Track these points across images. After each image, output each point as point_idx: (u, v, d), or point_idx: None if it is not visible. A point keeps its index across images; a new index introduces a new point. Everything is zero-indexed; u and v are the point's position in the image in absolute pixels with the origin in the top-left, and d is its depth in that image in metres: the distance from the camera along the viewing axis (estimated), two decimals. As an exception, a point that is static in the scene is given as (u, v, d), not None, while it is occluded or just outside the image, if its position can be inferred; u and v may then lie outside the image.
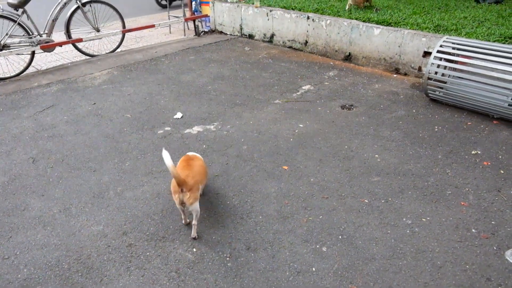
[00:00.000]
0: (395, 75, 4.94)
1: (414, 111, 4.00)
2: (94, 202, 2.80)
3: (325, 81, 4.79)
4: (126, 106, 4.26)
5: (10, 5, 5.33)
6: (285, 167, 3.12)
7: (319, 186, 2.90)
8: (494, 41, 4.49)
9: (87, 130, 3.80)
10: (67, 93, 4.67)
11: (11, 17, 5.32)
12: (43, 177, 3.10)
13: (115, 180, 3.03)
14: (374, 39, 5.11)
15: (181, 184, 2.27)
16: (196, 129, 3.73)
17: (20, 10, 5.40)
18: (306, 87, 4.62)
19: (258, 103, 4.23)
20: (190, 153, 2.76)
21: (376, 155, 3.24)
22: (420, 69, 4.71)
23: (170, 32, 7.93)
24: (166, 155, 2.20)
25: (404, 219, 2.54)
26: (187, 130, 3.71)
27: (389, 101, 4.23)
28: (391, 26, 5.20)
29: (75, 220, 2.64)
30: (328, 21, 5.55)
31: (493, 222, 2.48)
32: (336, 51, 5.58)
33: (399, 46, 4.89)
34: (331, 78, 4.89)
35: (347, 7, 5.77)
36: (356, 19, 5.54)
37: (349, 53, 5.43)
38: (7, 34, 5.32)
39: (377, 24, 5.27)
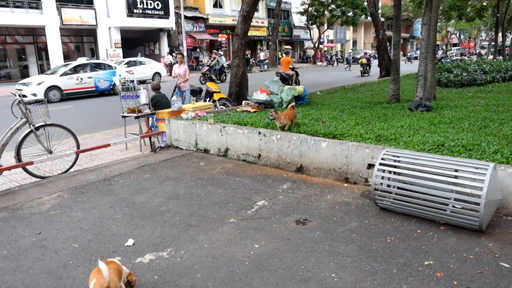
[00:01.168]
0: (345, 184, 5.16)
1: (366, 221, 4.10)
2: None
3: (279, 194, 4.90)
4: (74, 234, 4.06)
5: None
6: (241, 296, 2.98)
7: (277, 315, 2.76)
8: (429, 150, 4.91)
9: (28, 266, 3.52)
10: (10, 222, 4.42)
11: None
12: (-30, 330, 2.75)
13: (54, 327, 2.74)
14: (322, 151, 5.42)
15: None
16: (148, 257, 3.57)
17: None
18: (261, 202, 4.68)
19: (213, 223, 4.19)
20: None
21: (333, 274, 3.20)
22: (366, 180, 4.97)
23: (126, 148, 8.04)
24: (104, 267, 2.53)
25: None
26: (139, 259, 3.53)
27: (341, 212, 4.34)
28: (337, 138, 5.60)
29: None
30: (278, 136, 5.89)
31: None
32: (288, 163, 5.83)
33: (346, 157, 5.20)
34: (284, 191, 5.01)
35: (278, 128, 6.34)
36: (304, 132, 5.93)
37: (301, 164, 5.69)
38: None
39: (323, 137, 5.66)
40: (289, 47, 39.57)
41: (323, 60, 46.36)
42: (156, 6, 32.09)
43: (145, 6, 31.38)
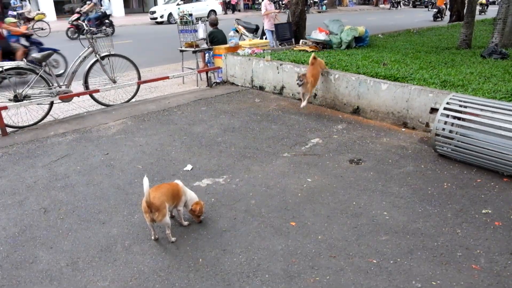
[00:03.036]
0: (403, 129, 5.00)
1: (422, 166, 4.01)
2: (102, 256, 2.81)
3: (333, 134, 4.87)
4: (138, 157, 4.35)
5: (34, 59, 5.64)
6: (293, 223, 3.11)
7: (326, 244, 2.87)
8: (501, 98, 4.56)
9: (99, 180, 3.87)
10: (82, 143, 4.81)
11: (34, 70, 5.62)
12: (53, 229, 3.13)
13: (123, 233, 3.04)
14: (382, 93, 5.23)
15: (148, 205, 2.68)
16: (205, 181, 3.78)
17: (43, 63, 5.70)
18: (315, 140, 4.69)
19: (267, 156, 4.30)
20: (177, 181, 3.10)
21: (385, 212, 3.23)
22: (427, 125, 4.77)
23: (183, 83, 8.23)
24: (145, 182, 2.65)
25: (414, 282, 2.48)
26: (197, 183, 3.76)
27: (397, 155, 4.26)
28: (399, 81, 5.34)
29: (82, 275, 2.63)
30: (336, 75, 5.72)
31: (506, 288, 2.41)
32: (344, 104, 5.71)
33: (406, 101, 4.99)
34: (339, 131, 4.97)
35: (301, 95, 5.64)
36: (364, 73, 5.71)
37: (358, 106, 5.55)
38: (28, 86, 5.59)
39: (384, 79, 5.42)
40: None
41: (386, 2, 43.06)
42: None
43: None
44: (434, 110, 4.62)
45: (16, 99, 5.52)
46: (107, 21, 17.36)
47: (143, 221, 3.18)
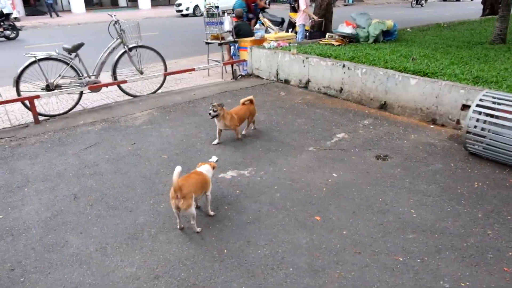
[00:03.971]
0: (432, 126, 4.88)
1: (452, 164, 3.91)
2: (129, 243, 2.87)
3: (359, 129, 4.80)
4: (164, 147, 4.42)
5: (65, 49, 5.78)
6: (318, 218, 3.10)
7: (351, 239, 2.85)
8: (538, 96, 4.38)
9: (126, 169, 3.95)
10: (110, 132, 4.92)
11: (65, 60, 5.76)
12: (83, 215, 3.23)
13: (150, 222, 3.10)
14: (411, 89, 5.11)
15: (176, 190, 2.75)
16: (230, 173, 3.80)
17: (73, 54, 5.84)
18: (341, 135, 4.64)
19: (292, 149, 4.28)
20: (199, 169, 3.16)
21: (412, 210, 3.17)
22: (458, 121, 4.64)
23: (209, 75, 8.27)
24: (177, 170, 2.76)
25: (442, 282, 2.43)
26: (221, 175, 3.78)
27: (425, 153, 4.16)
28: (428, 76, 5.21)
29: (110, 260, 2.70)
30: (363, 70, 5.63)
31: (539, 292, 2.33)
32: (371, 99, 5.61)
33: (436, 97, 4.86)
34: (365, 126, 4.89)
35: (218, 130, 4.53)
36: (392, 68, 5.59)
37: (385, 101, 5.45)
38: (59, 75, 5.74)
39: (413, 74, 5.29)
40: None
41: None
42: None
43: None
44: (465, 107, 4.49)
45: (48, 88, 5.68)
46: (6, 22, 14.54)
47: (169, 211, 3.23)
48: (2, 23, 14.49)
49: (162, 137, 4.69)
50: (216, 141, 4.48)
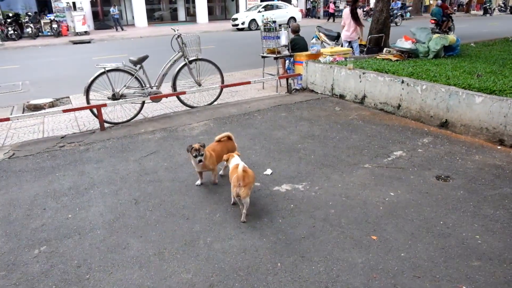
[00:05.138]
0: (499, 147, 4.60)
1: (522, 189, 3.65)
2: (185, 250, 2.96)
3: (418, 147, 4.63)
4: (220, 158, 4.52)
5: (131, 61, 6.15)
6: (374, 237, 3.01)
7: (410, 262, 2.73)
8: None
9: (184, 178, 4.09)
10: (168, 141, 5.13)
11: (130, 72, 6.12)
12: (143, 219, 3.38)
13: (205, 230, 3.18)
14: (475, 107, 4.86)
15: (239, 179, 3.10)
16: (284, 187, 3.81)
17: (138, 66, 6.19)
18: (398, 152, 4.50)
19: (347, 165, 4.22)
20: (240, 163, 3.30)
21: (477, 236, 2.99)
22: (529, 143, 4.33)
23: (263, 88, 8.39)
24: (241, 163, 3.24)
25: (512, 315, 2.26)
26: (276, 188, 3.80)
27: (492, 175, 3.92)
28: (495, 94, 4.92)
29: (167, 265, 2.80)
30: (424, 86, 5.44)
31: None
32: (431, 116, 5.40)
33: (504, 116, 4.58)
34: (425, 145, 4.71)
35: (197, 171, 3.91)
36: (455, 85, 5.35)
37: (446, 119, 5.22)
38: (125, 86, 6.11)
39: (478, 91, 5.03)
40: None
41: (479, 8, 39.93)
42: None
43: None
44: (538, 128, 4.18)
45: (114, 97, 6.06)
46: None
47: (224, 220, 3.30)
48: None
49: (217, 148, 4.81)
50: (199, 182, 3.92)
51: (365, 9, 28.28)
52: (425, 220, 3.22)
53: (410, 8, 34.19)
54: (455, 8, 40.30)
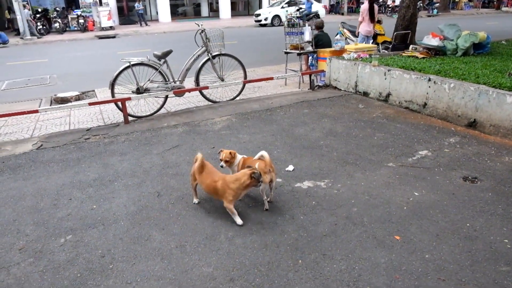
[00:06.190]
0: (530, 149, 4.43)
1: (554, 193, 3.51)
2: (207, 243, 2.98)
3: (444, 147, 4.51)
4: (241, 153, 4.50)
5: (155, 56, 6.22)
6: (397, 237, 2.96)
7: (435, 264, 2.67)
8: None
9: (206, 172, 4.11)
10: (191, 135, 5.17)
11: (154, 66, 6.19)
12: (165, 212, 3.42)
13: (227, 225, 3.19)
14: (506, 106, 4.69)
15: (268, 166, 3.30)
16: (306, 184, 3.79)
17: (162, 60, 6.25)
18: (423, 152, 4.40)
19: (371, 164, 4.15)
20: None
21: (506, 240, 2.89)
22: None
23: (286, 84, 8.35)
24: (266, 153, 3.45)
25: (542, 323, 2.18)
26: (298, 184, 3.78)
27: (522, 177, 3.78)
28: (528, 94, 4.74)
29: (189, 258, 2.82)
30: (451, 85, 5.29)
31: None
32: (458, 116, 5.25)
33: (536, 117, 4.41)
34: (451, 145, 4.59)
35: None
36: (485, 84, 5.18)
37: (474, 119, 5.06)
38: (149, 80, 6.18)
39: (510, 90, 4.86)
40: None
41: (511, 4, 38.54)
42: None
43: None
44: None
45: (138, 91, 6.14)
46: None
47: (246, 215, 3.30)
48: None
49: (240, 143, 4.82)
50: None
51: (389, 6, 27.73)
52: (451, 221, 3.13)
53: (438, 4, 33.31)
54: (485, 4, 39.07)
